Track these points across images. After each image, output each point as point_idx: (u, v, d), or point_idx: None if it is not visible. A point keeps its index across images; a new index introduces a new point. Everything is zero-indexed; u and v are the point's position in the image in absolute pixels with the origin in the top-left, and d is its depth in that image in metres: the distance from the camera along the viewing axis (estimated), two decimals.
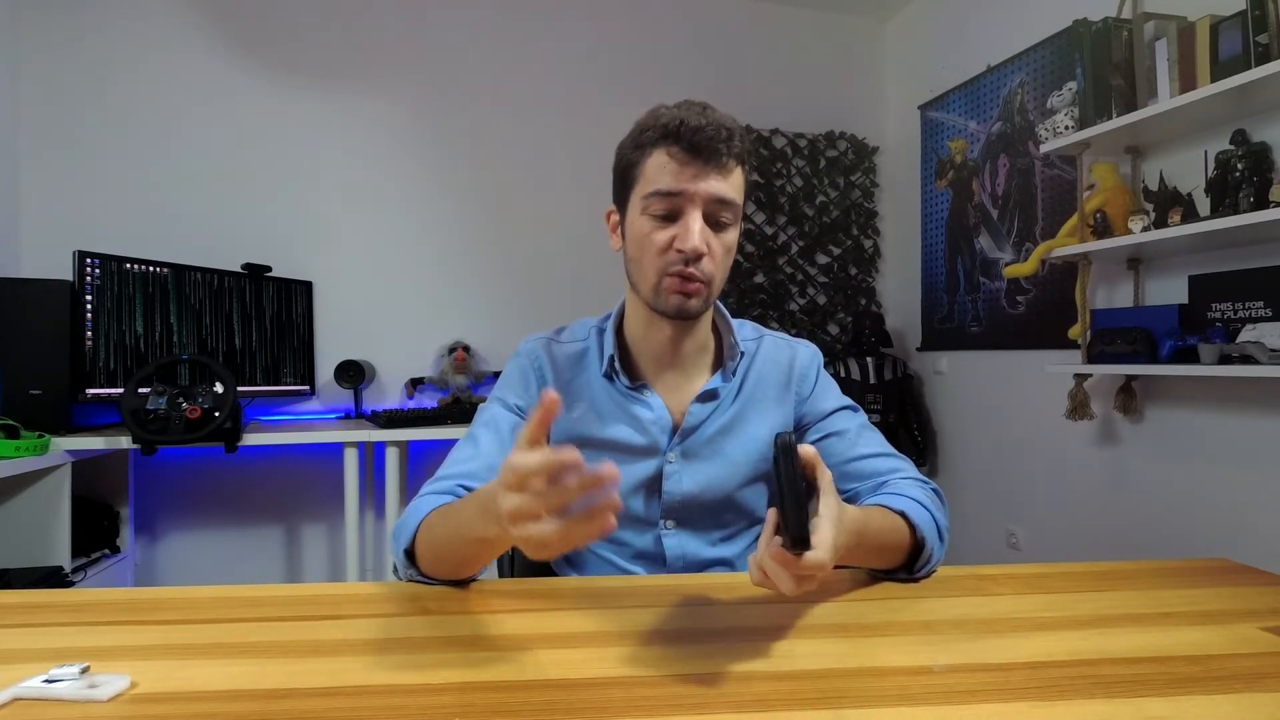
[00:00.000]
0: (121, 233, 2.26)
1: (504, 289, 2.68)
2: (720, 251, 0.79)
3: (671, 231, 0.77)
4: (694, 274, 0.77)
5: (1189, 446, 1.86)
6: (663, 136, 0.76)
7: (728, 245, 0.80)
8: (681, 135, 0.75)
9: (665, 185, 0.76)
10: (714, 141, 0.75)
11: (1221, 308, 1.73)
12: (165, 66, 2.36)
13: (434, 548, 0.69)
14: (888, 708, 0.46)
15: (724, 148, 0.75)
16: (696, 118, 0.75)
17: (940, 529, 0.75)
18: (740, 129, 0.79)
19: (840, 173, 3.01)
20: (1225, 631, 0.59)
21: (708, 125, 0.75)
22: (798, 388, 0.90)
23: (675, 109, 0.77)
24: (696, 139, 0.74)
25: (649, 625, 0.60)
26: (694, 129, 0.74)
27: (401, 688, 0.48)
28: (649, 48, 2.82)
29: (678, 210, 0.77)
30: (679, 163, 0.76)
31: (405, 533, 0.72)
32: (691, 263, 0.77)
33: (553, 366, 0.89)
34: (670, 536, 0.85)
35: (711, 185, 0.76)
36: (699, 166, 0.75)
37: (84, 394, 1.92)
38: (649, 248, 0.79)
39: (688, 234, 0.76)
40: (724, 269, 0.81)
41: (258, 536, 2.47)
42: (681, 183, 0.75)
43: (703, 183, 0.75)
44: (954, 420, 2.75)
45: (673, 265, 0.77)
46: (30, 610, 0.64)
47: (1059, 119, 2.03)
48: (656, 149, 0.77)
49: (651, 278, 0.79)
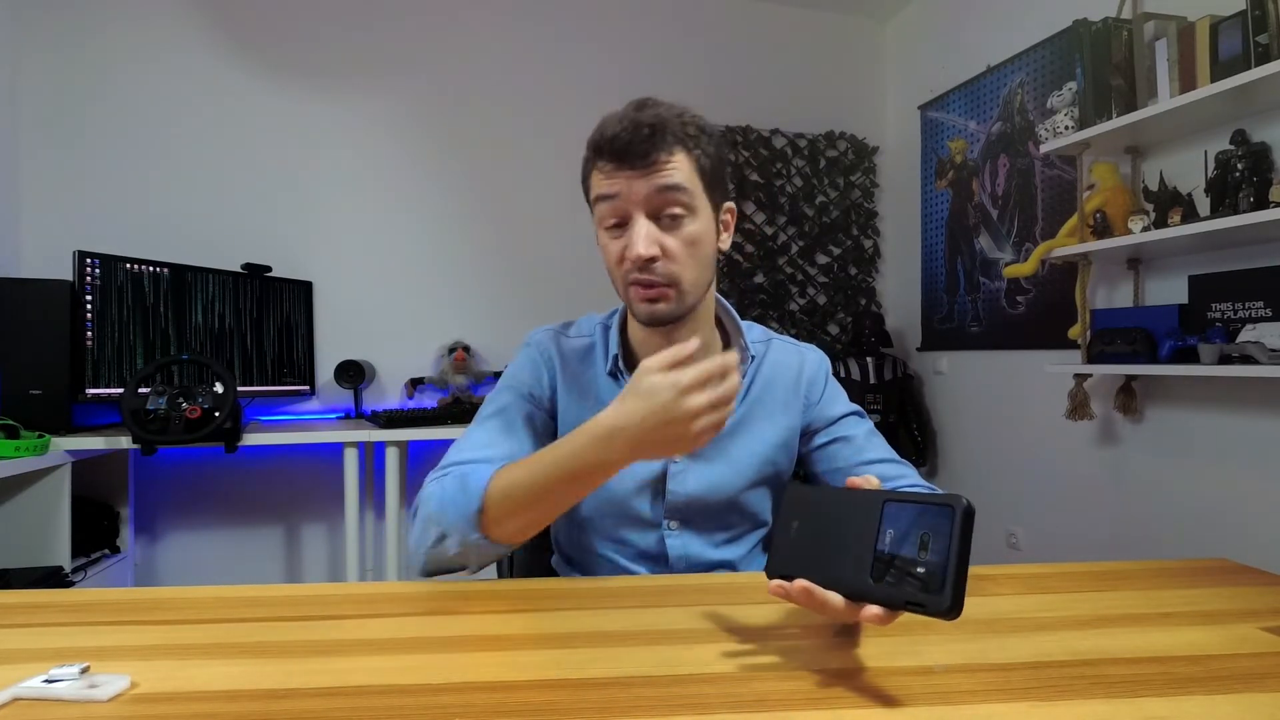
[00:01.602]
0: (121, 233, 2.26)
1: (504, 289, 2.68)
2: (679, 248, 0.76)
3: (623, 241, 0.76)
4: (651, 279, 0.76)
5: (1189, 446, 1.86)
6: (594, 152, 0.77)
7: (688, 238, 0.76)
8: (603, 148, 0.75)
9: (606, 199, 0.76)
10: (634, 144, 0.73)
11: (1221, 308, 1.73)
12: (165, 66, 2.36)
13: (518, 497, 0.68)
14: (888, 708, 0.46)
15: (648, 146, 0.73)
16: (615, 125, 0.74)
17: None
18: (676, 115, 0.76)
19: (840, 173, 3.01)
20: (1225, 631, 0.59)
21: (623, 130, 0.73)
22: (807, 393, 0.91)
23: (605, 119, 0.76)
24: (616, 146, 0.74)
25: (649, 625, 0.60)
26: (611, 138, 0.74)
27: (401, 688, 0.48)
28: (649, 48, 2.82)
29: (624, 217, 0.76)
30: (608, 174, 0.76)
31: (470, 494, 0.69)
32: (645, 268, 0.75)
33: (561, 359, 0.88)
34: (674, 537, 0.85)
35: (647, 182, 0.74)
36: (628, 170, 0.74)
37: (84, 394, 1.92)
38: (610, 260, 0.79)
39: (633, 241, 0.74)
40: (692, 264, 0.77)
41: (258, 536, 2.47)
42: (616, 188, 0.75)
43: (638, 183, 0.74)
44: (954, 420, 2.75)
45: (630, 274, 0.77)
46: (30, 610, 0.64)
47: (1059, 119, 2.03)
48: (594, 165, 0.78)
49: (621, 289, 0.80)
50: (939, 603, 0.45)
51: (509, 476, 0.69)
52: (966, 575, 0.46)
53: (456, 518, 0.70)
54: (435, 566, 0.73)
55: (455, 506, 0.70)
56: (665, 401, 0.61)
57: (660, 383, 0.61)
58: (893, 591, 0.48)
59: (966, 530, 0.46)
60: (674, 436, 0.61)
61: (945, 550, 0.45)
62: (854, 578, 0.50)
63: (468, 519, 0.69)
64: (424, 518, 0.73)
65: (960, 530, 0.45)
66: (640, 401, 0.62)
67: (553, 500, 0.69)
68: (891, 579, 0.48)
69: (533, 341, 0.91)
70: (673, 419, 0.61)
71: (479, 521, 0.69)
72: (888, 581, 0.48)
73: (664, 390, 0.61)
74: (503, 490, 0.69)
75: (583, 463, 0.65)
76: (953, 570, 0.45)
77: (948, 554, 0.45)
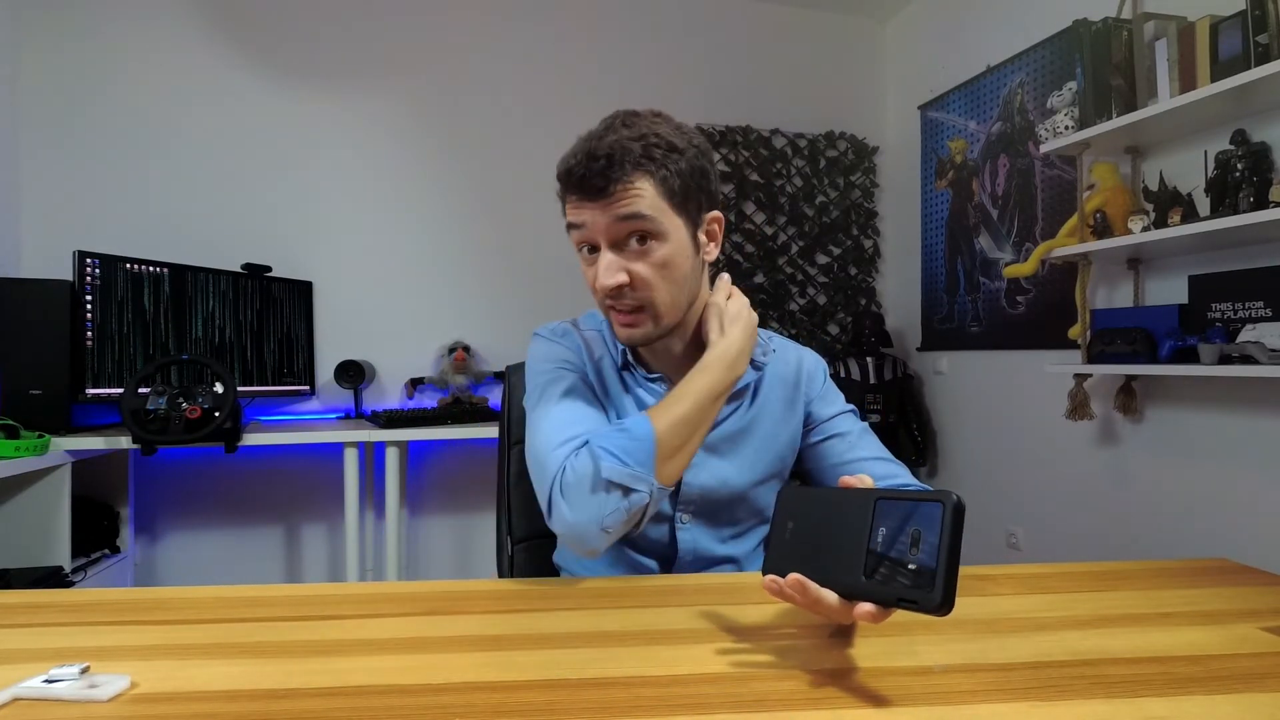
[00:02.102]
0: (121, 233, 2.26)
1: (504, 289, 2.68)
2: (648, 273, 0.76)
3: (595, 269, 0.78)
4: (622, 305, 0.78)
5: (1189, 446, 1.86)
6: (562, 184, 0.78)
7: (658, 262, 0.76)
8: (568, 179, 0.76)
9: (574, 228, 0.78)
10: (590, 177, 0.73)
11: (1221, 308, 1.73)
12: (166, 66, 2.36)
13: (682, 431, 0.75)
14: (888, 708, 0.46)
15: (603, 179, 0.73)
16: (572, 158, 0.75)
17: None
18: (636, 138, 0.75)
19: (840, 173, 3.01)
20: (1225, 631, 0.59)
21: (576, 165, 0.74)
22: (806, 390, 0.93)
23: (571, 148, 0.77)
24: (573, 179, 0.75)
25: (649, 625, 0.61)
26: (566, 172, 0.76)
27: (402, 688, 0.48)
28: (649, 48, 2.82)
29: (594, 244, 0.78)
30: (573, 205, 0.77)
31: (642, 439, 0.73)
32: (614, 296, 0.77)
33: (586, 347, 0.90)
34: (685, 530, 0.86)
35: (609, 213, 0.74)
36: (590, 202, 0.75)
37: (84, 394, 1.92)
38: (589, 286, 0.81)
39: (598, 273, 0.77)
40: (666, 287, 0.78)
41: (258, 536, 2.47)
42: (582, 219, 0.76)
43: (599, 215, 0.75)
44: (954, 420, 2.75)
45: (605, 301, 0.79)
46: (30, 610, 0.64)
47: (1059, 119, 2.03)
48: (565, 194, 0.79)
49: (601, 312, 0.84)
50: (930, 599, 0.45)
51: (669, 414, 0.75)
52: (957, 571, 0.46)
53: (640, 465, 0.72)
54: (617, 534, 0.73)
55: (634, 455, 0.72)
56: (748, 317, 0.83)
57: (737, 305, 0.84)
58: (884, 589, 0.48)
59: (957, 526, 0.46)
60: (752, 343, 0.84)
61: (935, 546, 0.46)
62: (847, 576, 0.50)
63: (649, 464, 0.73)
64: (594, 484, 0.71)
65: (950, 526, 0.46)
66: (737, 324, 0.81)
67: (703, 428, 0.78)
68: (883, 576, 0.48)
69: (557, 331, 0.92)
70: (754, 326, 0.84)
71: (656, 465, 0.73)
72: (879, 579, 0.48)
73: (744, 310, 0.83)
74: (669, 428, 0.74)
75: (724, 384, 0.78)
76: (943, 566, 0.45)
77: (938, 550, 0.45)
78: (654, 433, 0.73)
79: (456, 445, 2.57)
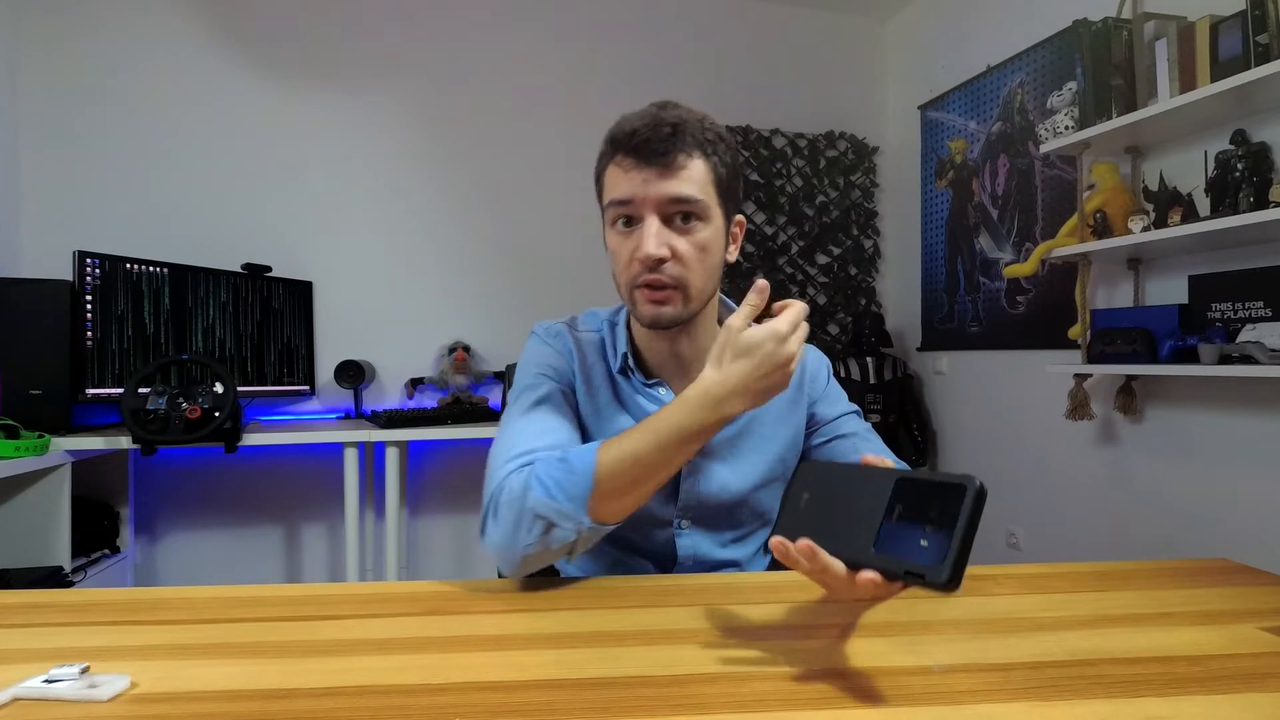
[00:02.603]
0: (121, 233, 2.26)
1: (504, 289, 2.68)
2: (689, 252, 0.76)
3: (633, 241, 0.76)
4: (659, 280, 0.75)
5: (1189, 446, 1.86)
6: (611, 148, 0.76)
7: (699, 244, 0.76)
8: (623, 141, 0.74)
9: (619, 194, 0.75)
10: (655, 141, 0.73)
11: (1221, 308, 1.73)
12: (165, 66, 2.36)
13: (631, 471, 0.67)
14: (888, 708, 0.46)
15: (668, 145, 0.73)
16: (637, 121, 0.74)
17: None
18: (696, 120, 0.76)
19: (840, 173, 3.01)
20: (1225, 631, 0.59)
21: (645, 126, 0.73)
22: (809, 389, 0.91)
23: (625, 117, 0.76)
24: (636, 142, 0.73)
25: (649, 625, 0.60)
26: (630, 133, 0.74)
27: (401, 688, 0.48)
28: (649, 47, 2.82)
29: (636, 217, 0.75)
30: (626, 170, 0.75)
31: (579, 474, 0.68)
32: (654, 269, 0.75)
33: (579, 352, 0.87)
34: (684, 536, 0.85)
35: (663, 187, 0.73)
36: (646, 170, 0.73)
37: (84, 394, 1.92)
38: (617, 262, 0.78)
39: (643, 240, 0.74)
40: (701, 269, 0.77)
41: (258, 536, 2.47)
42: (630, 189, 0.74)
43: (653, 186, 0.74)
44: (954, 420, 2.75)
45: (638, 276, 0.76)
46: (30, 610, 0.64)
47: (1059, 119, 2.03)
48: (610, 161, 0.77)
49: (625, 292, 0.79)
50: (938, 573, 0.44)
51: (619, 450, 0.68)
52: (969, 553, 0.45)
53: (568, 501, 0.67)
54: (537, 563, 0.70)
55: (565, 490, 0.68)
56: (769, 351, 0.66)
57: (759, 335, 0.66)
58: (893, 562, 0.47)
59: (977, 510, 0.45)
60: (777, 381, 0.67)
61: (952, 527, 0.45)
62: (857, 547, 0.50)
63: (581, 501, 0.67)
64: (519, 512, 0.68)
65: (971, 509, 0.45)
66: (745, 359, 0.67)
67: (665, 469, 0.69)
68: (893, 550, 0.48)
69: (549, 333, 0.89)
70: (778, 365, 0.66)
71: (590, 503, 0.67)
72: (889, 552, 0.48)
73: (767, 342, 0.66)
74: (614, 465, 0.67)
75: (700, 425, 0.67)
76: (956, 544, 0.44)
77: (954, 530, 0.45)
78: (594, 467, 0.68)
79: (456, 445, 2.57)
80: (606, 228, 0.80)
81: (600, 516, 0.68)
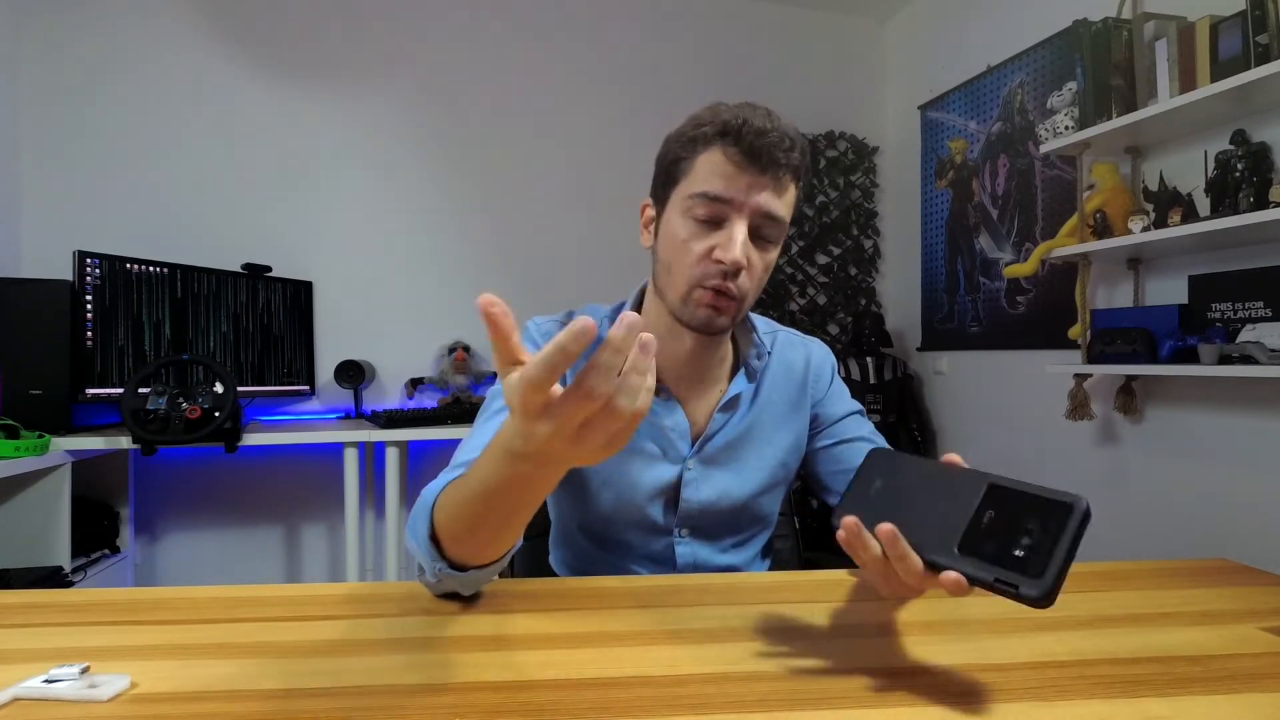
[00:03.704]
0: (121, 233, 2.26)
1: (504, 289, 2.66)
2: (760, 269, 0.73)
3: (712, 240, 0.71)
4: (729, 289, 0.72)
5: (1189, 446, 1.86)
6: (720, 134, 0.70)
7: (768, 263, 0.74)
8: (742, 136, 0.69)
9: (714, 188, 0.70)
10: (775, 149, 0.69)
11: (1221, 308, 1.72)
12: (166, 66, 2.36)
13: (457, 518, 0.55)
14: (888, 708, 0.46)
15: (784, 157, 0.69)
16: (761, 120, 0.70)
17: None
18: (804, 141, 0.73)
19: (840, 173, 3.01)
20: (1225, 631, 0.59)
21: (771, 130, 0.69)
22: (813, 389, 0.89)
23: (738, 107, 0.71)
24: (757, 143, 0.69)
25: (650, 625, 0.60)
26: (757, 131, 0.69)
27: (401, 688, 0.48)
28: (649, 48, 2.82)
29: (722, 217, 0.71)
30: (734, 165, 0.70)
31: (421, 517, 0.60)
32: (730, 276, 0.71)
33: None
34: (683, 544, 0.84)
35: (764, 197, 0.70)
36: (754, 174, 0.69)
37: (84, 394, 1.92)
38: (685, 254, 0.73)
39: (730, 244, 0.69)
40: (758, 287, 0.76)
41: (258, 536, 2.47)
42: (732, 188, 0.70)
43: (756, 193, 0.70)
44: (954, 420, 2.75)
45: (709, 277, 0.72)
46: (30, 610, 0.64)
47: (1059, 119, 2.03)
48: (711, 147, 0.71)
49: (682, 286, 0.74)
50: (1035, 587, 0.42)
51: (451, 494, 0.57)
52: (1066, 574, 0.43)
53: (420, 539, 0.59)
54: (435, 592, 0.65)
55: (414, 530, 0.60)
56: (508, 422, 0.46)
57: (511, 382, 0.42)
58: (982, 567, 0.45)
59: (1081, 530, 0.43)
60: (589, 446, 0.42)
61: (1054, 542, 0.43)
62: (939, 546, 0.47)
63: (427, 546, 0.58)
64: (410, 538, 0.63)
65: (1077, 528, 0.43)
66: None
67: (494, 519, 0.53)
68: (983, 556, 0.45)
69: (541, 330, 0.83)
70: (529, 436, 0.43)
71: (437, 547, 0.58)
72: (978, 557, 0.45)
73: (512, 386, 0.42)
74: (447, 513, 0.57)
75: (495, 476, 0.49)
76: (1059, 561, 0.42)
77: (1056, 546, 0.43)
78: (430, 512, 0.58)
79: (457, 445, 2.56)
80: (673, 215, 0.74)
81: (452, 555, 0.58)
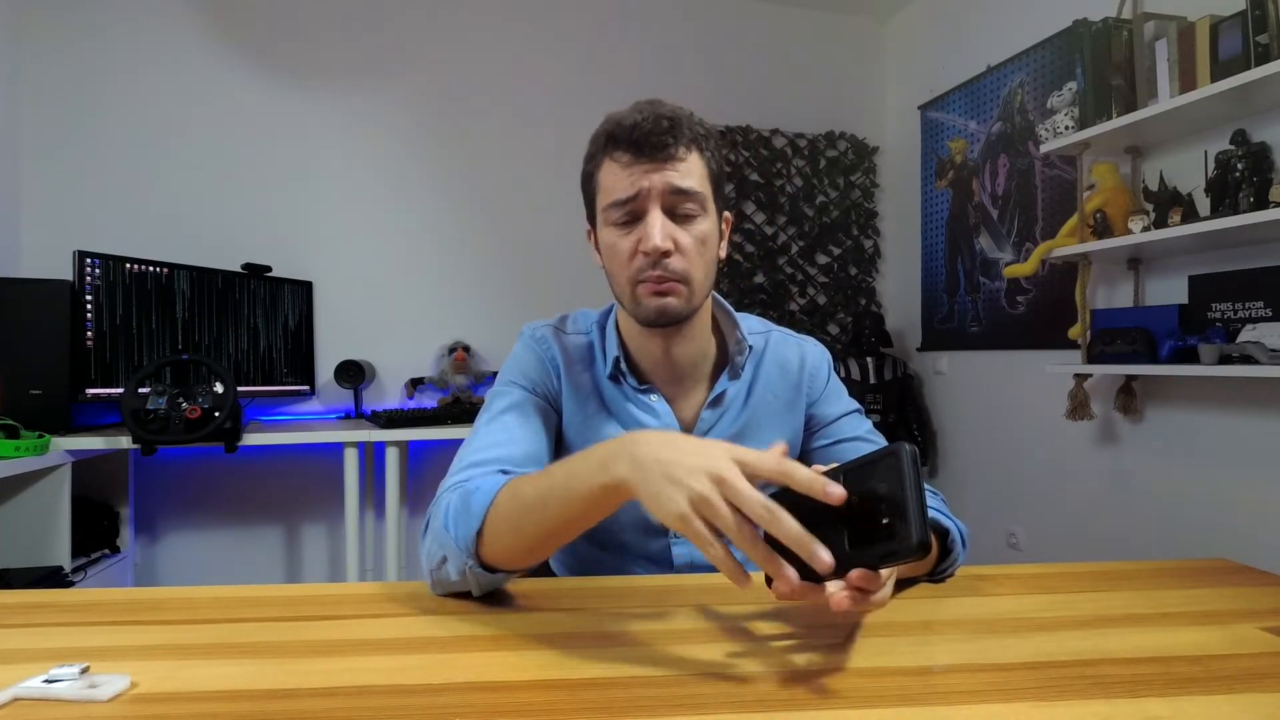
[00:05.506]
0: (121, 233, 2.26)
1: (504, 289, 2.68)
2: (691, 244, 0.75)
3: (635, 236, 0.74)
4: (663, 275, 0.74)
5: (1189, 446, 1.86)
6: (606, 143, 0.75)
7: (699, 236, 0.75)
8: (621, 136, 0.73)
9: (618, 193, 0.74)
10: (655, 134, 0.72)
11: (1221, 308, 1.72)
12: (166, 66, 2.36)
13: (518, 518, 0.60)
14: (888, 708, 0.46)
15: (668, 138, 0.72)
16: (633, 115, 0.73)
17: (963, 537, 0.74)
18: (688, 115, 0.75)
19: (840, 173, 3.01)
20: (1225, 631, 0.59)
21: (644, 119, 0.72)
22: (808, 388, 0.88)
23: (619, 113, 0.75)
24: (636, 136, 0.72)
25: (649, 625, 0.60)
26: (630, 126, 0.72)
27: (401, 688, 0.48)
28: (648, 48, 2.82)
29: (639, 212, 0.74)
30: (625, 166, 0.73)
31: (473, 513, 0.62)
32: (658, 263, 0.74)
33: (564, 358, 0.85)
34: (680, 545, 0.84)
35: (663, 177, 0.73)
36: (646, 164, 0.73)
37: (84, 394, 1.92)
38: (617, 257, 0.76)
39: (649, 233, 0.72)
40: (701, 264, 0.76)
41: (258, 536, 2.47)
42: (632, 185, 0.73)
43: (655, 176, 0.73)
44: (954, 420, 2.75)
45: (642, 270, 0.74)
46: (30, 610, 0.64)
47: (1059, 119, 2.03)
48: (605, 158, 0.76)
49: (626, 288, 0.77)
50: (907, 545, 0.45)
51: (517, 493, 0.61)
52: (927, 511, 0.46)
53: (456, 539, 0.63)
54: (441, 589, 0.67)
55: (457, 525, 0.63)
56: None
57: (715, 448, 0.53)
58: (868, 552, 0.48)
59: (914, 470, 0.46)
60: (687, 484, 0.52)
61: (901, 495, 0.46)
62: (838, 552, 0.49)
63: (467, 541, 0.62)
64: (433, 533, 0.66)
65: (909, 470, 0.46)
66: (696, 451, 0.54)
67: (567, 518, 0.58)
68: (865, 541, 0.48)
69: (534, 337, 0.86)
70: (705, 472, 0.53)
71: (476, 544, 0.62)
72: (863, 544, 0.48)
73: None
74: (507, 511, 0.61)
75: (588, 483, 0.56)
76: (913, 509, 0.45)
77: (903, 497, 0.46)
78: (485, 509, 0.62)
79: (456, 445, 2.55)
80: (601, 229, 0.78)
81: (488, 558, 0.62)
